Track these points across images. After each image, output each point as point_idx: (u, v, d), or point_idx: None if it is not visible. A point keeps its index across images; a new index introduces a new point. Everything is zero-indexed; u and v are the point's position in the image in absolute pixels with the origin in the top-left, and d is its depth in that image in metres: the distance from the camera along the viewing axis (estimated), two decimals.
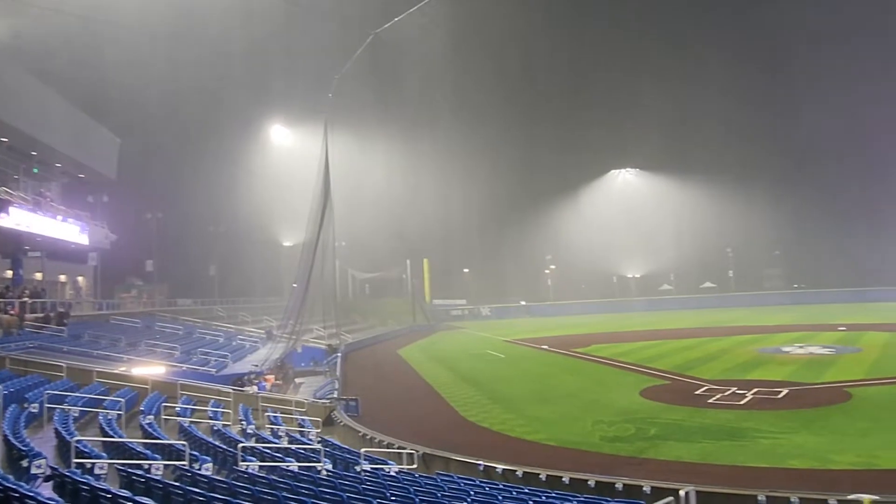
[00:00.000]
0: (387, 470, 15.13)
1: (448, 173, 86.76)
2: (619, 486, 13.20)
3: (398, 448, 17.81)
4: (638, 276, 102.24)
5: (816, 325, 50.28)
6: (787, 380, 26.67)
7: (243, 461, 13.38)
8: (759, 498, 12.12)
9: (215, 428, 18.78)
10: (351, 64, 51.30)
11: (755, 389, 24.68)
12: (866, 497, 11.73)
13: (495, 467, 15.45)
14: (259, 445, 15.80)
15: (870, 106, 75.67)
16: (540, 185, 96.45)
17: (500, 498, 10.97)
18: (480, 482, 13.25)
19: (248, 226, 71.98)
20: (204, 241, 69.15)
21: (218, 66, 59.70)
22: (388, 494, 10.38)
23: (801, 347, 37.06)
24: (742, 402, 22.72)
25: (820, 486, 13.31)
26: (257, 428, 20.70)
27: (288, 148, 77.67)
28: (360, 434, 20.30)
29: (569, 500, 11.42)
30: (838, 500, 11.70)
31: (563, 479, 14.03)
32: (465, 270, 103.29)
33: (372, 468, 15.22)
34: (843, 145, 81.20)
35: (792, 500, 11.94)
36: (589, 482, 13.69)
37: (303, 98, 66.70)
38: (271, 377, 32.36)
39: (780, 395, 23.49)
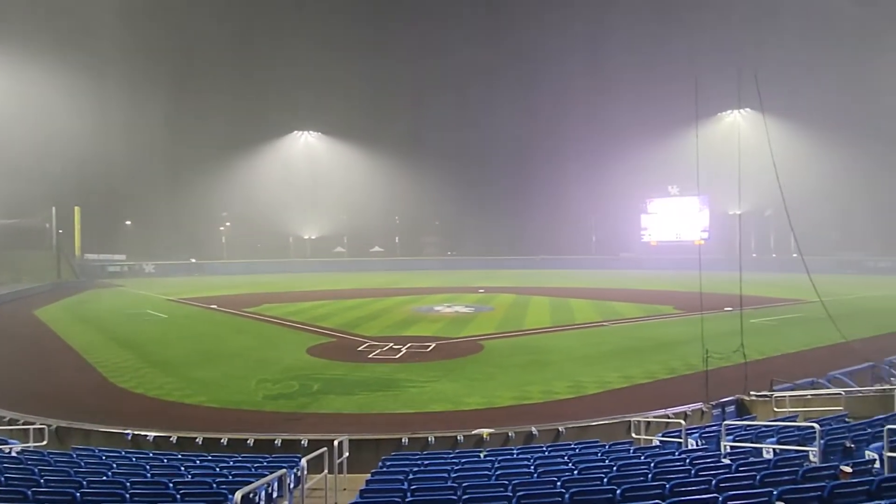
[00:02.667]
0: (6, 451, 12.82)
1: (113, 116, 76.47)
2: (277, 442, 13.38)
3: (24, 424, 15.25)
4: (314, 237, 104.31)
5: (462, 288, 57.81)
6: (436, 335, 30.16)
7: None
8: (403, 440, 13.53)
9: None
10: None
11: (409, 344, 27.36)
12: (485, 430, 13.97)
13: (146, 435, 14.31)
14: None
15: (533, 114, 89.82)
16: (217, 139, 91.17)
17: (147, 467, 10.17)
18: (127, 453, 12.11)
19: None
20: None
21: None
22: (3, 480, 8.80)
23: (448, 307, 42.23)
24: (397, 356, 24.96)
25: (454, 425, 15.40)
26: None
27: None
28: None
29: (225, 461, 11.15)
30: (464, 436, 13.72)
31: (222, 440, 13.68)
32: (128, 223, 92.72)
33: None
34: (504, 140, 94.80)
35: (429, 439, 13.60)
36: (248, 441, 13.59)
37: None
38: None
39: (429, 349, 26.43)
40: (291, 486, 9.69)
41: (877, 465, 8.60)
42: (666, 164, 79.23)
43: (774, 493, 6.61)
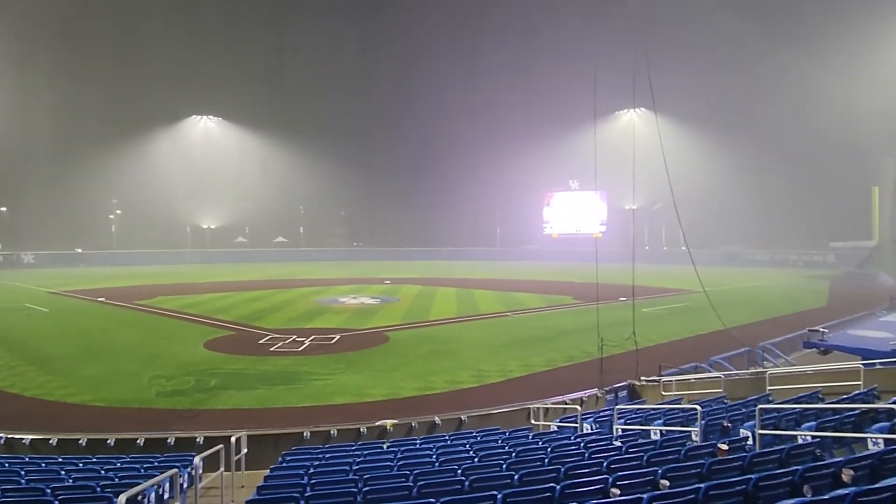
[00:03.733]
0: None
1: None
2: (170, 440, 12.79)
3: None
4: (213, 227, 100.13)
5: (368, 279, 57.47)
6: (340, 327, 29.80)
7: None
8: (305, 434, 13.29)
9: None
10: None
11: (313, 336, 26.87)
12: (389, 422, 13.97)
13: (22, 439, 13.25)
14: None
15: (441, 108, 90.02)
16: (106, 123, 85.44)
17: (22, 473, 9.42)
18: None
19: None
20: None
21: None
22: None
23: (354, 298, 41.84)
24: (300, 349, 24.45)
25: (357, 417, 15.29)
26: None
27: None
28: None
29: (112, 463, 10.53)
30: (367, 427, 13.65)
31: (108, 441, 12.90)
32: (2, 209, 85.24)
33: None
34: (412, 133, 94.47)
35: (332, 432, 13.44)
36: (138, 441, 12.89)
37: None
38: None
39: (333, 341, 26.08)
40: (185, 485, 9.29)
41: (749, 441, 9.32)
42: (567, 159, 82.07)
43: (659, 471, 7.01)
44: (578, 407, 14.60)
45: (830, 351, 17.89)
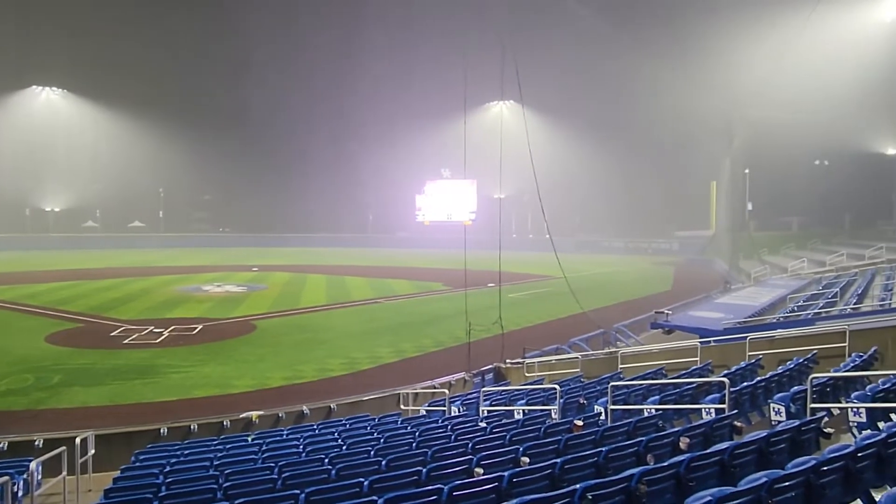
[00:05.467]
0: None
1: None
2: (3, 445, 11.56)
3: None
4: (58, 209, 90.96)
5: (235, 266, 55.03)
6: (203, 316, 28.36)
7: None
8: (161, 431, 12.54)
9: None
10: None
11: (172, 327, 25.36)
12: (255, 413, 13.53)
13: None
14: None
15: (312, 91, 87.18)
16: None
17: None
18: None
19: None
20: None
21: None
22: None
23: (218, 286, 39.92)
24: (158, 341, 23.01)
25: (221, 410, 14.66)
26: None
27: None
28: None
29: None
30: (231, 420, 13.14)
31: None
32: None
33: None
34: (283, 115, 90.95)
35: (192, 427, 12.78)
36: None
37: None
38: None
39: (195, 332, 24.78)
40: (20, 493, 8.45)
41: (602, 417, 10.01)
42: (441, 148, 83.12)
43: (521, 449, 7.35)
44: (447, 391, 14.94)
45: (673, 331, 19.61)
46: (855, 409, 7.60)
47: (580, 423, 8.82)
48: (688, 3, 57.25)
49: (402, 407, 15.00)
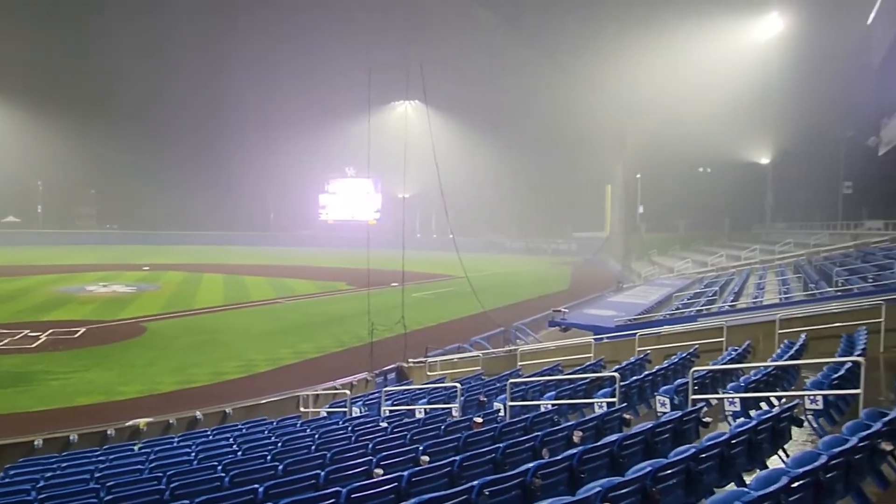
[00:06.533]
0: None
1: None
2: None
3: None
4: None
5: (123, 265, 51.78)
6: (87, 318, 26.54)
7: None
8: (36, 442, 11.60)
9: None
10: None
11: (51, 330, 23.55)
12: (142, 420, 12.80)
13: None
14: None
15: (212, 85, 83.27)
16: None
17: None
18: None
19: None
20: None
21: None
22: None
23: (104, 286, 37.44)
24: (34, 345, 21.31)
25: (105, 418, 13.74)
26: None
27: None
28: None
29: None
30: (116, 429, 12.36)
31: None
32: None
33: None
34: (179, 105, 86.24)
35: (71, 437, 11.91)
36: None
37: None
38: None
39: (78, 335, 23.15)
40: None
41: (501, 413, 10.23)
42: (345, 146, 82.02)
43: (421, 448, 7.37)
44: (348, 391, 14.76)
45: (570, 328, 20.34)
46: (730, 399, 8.19)
47: (480, 420, 8.97)
48: (589, 15, 59.62)
49: (301, 409, 14.68)
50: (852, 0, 38.52)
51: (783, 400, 7.82)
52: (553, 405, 9.87)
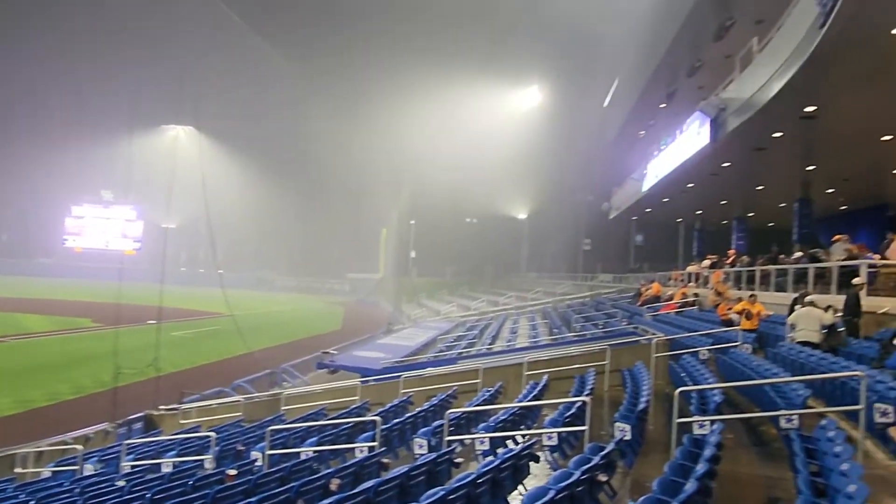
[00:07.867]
0: None
1: None
2: None
3: None
4: None
5: None
6: None
7: None
8: None
9: None
10: None
11: None
12: None
13: None
14: None
15: None
16: None
17: None
18: None
19: None
20: None
21: None
22: None
23: None
24: None
25: None
26: None
27: None
28: None
29: None
30: None
31: None
32: None
33: None
34: None
35: None
36: None
37: None
38: None
39: None
40: None
41: (259, 463, 9.72)
42: (102, 167, 73.63)
43: None
44: (80, 446, 12.90)
45: (338, 370, 20.21)
46: (480, 440, 8.74)
47: (233, 472, 8.43)
48: (362, 64, 61.45)
49: (18, 470, 12.48)
50: (594, 83, 45.12)
51: (526, 437, 8.56)
52: (314, 452, 9.65)
